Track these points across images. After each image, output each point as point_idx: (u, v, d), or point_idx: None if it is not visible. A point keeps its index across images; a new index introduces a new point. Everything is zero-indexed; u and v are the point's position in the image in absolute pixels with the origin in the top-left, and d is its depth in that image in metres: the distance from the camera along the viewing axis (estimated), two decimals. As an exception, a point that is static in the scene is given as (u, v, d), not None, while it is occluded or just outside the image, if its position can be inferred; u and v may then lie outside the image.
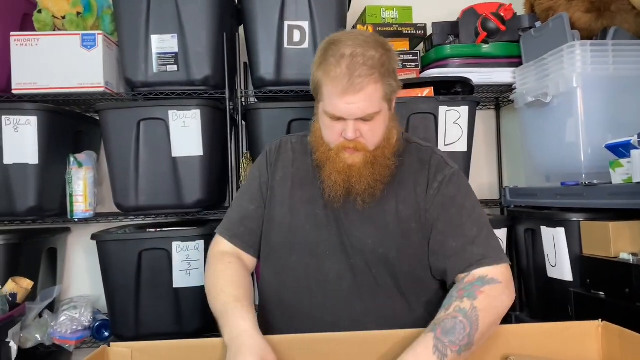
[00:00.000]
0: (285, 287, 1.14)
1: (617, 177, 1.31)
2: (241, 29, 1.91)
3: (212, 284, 1.10)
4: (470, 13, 1.84)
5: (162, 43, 1.72)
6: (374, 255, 1.11)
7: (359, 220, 1.13)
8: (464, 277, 1.04)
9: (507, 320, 1.79)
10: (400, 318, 1.10)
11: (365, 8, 1.94)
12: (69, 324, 1.72)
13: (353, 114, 1.04)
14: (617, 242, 1.31)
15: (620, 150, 1.29)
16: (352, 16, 1.92)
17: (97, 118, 1.77)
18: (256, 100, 1.94)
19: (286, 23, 1.75)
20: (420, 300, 1.13)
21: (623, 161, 1.28)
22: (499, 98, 2.15)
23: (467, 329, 0.92)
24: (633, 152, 1.20)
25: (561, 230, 1.48)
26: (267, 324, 1.15)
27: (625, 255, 1.27)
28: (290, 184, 1.18)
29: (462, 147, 1.75)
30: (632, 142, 1.22)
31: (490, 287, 1.00)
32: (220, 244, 1.20)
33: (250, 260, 1.20)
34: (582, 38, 1.58)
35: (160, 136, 1.70)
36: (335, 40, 1.07)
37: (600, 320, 1.07)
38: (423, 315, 1.10)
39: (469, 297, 0.97)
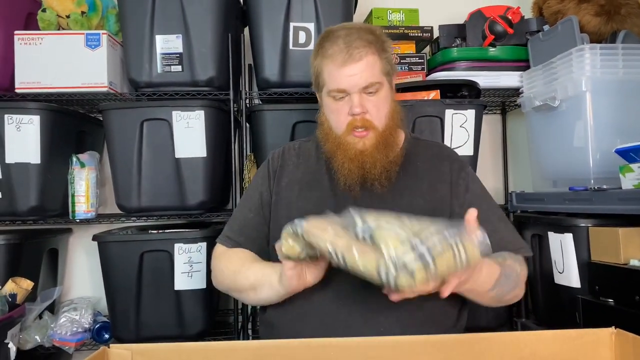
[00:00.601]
0: (302, 295, 1.08)
1: (627, 182, 1.28)
2: (246, 30, 1.89)
3: (231, 273, 1.15)
4: (477, 16, 1.82)
5: (167, 43, 1.71)
6: None
7: (378, 208, 1.10)
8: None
9: (512, 326, 1.79)
10: (413, 312, 1.07)
11: (371, 10, 1.93)
12: (69, 325, 1.70)
13: (356, 84, 1.07)
14: (627, 249, 1.28)
15: (631, 154, 1.27)
16: (358, 18, 1.91)
17: (100, 118, 1.76)
18: (260, 102, 1.92)
19: (291, 24, 1.74)
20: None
21: (633, 166, 1.26)
22: (505, 102, 2.13)
23: (512, 285, 1.07)
24: (644, 156, 1.18)
25: (569, 236, 1.46)
26: (272, 327, 1.13)
27: (635, 262, 1.24)
28: (298, 188, 1.18)
29: (468, 151, 1.73)
30: (644, 147, 1.20)
31: (523, 272, 1.13)
32: (216, 251, 1.23)
33: None
34: (591, 41, 1.56)
35: (163, 137, 1.68)
36: (329, 30, 1.14)
37: (613, 327, 1.05)
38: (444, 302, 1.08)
39: (520, 265, 1.11)
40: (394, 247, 0.82)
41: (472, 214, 0.90)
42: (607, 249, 1.34)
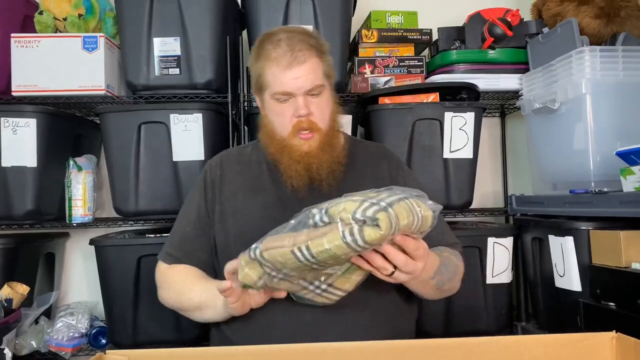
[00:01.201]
0: None
1: (629, 184, 1.27)
2: (245, 33, 1.89)
3: (175, 293, 1.15)
4: (476, 18, 1.82)
5: (165, 46, 1.70)
6: None
7: None
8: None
9: (512, 330, 1.78)
10: (371, 300, 1.09)
11: (370, 13, 1.92)
12: (65, 330, 1.69)
13: (301, 86, 1.08)
14: (628, 252, 1.27)
15: (632, 157, 1.26)
16: (356, 20, 1.90)
17: (98, 121, 1.75)
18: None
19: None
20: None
21: (635, 168, 1.25)
22: (504, 105, 2.13)
23: (451, 274, 1.11)
24: (646, 159, 1.18)
25: (570, 239, 1.45)
26: (230, 343, 1.10)
27: (637, 265, 1.23)
28: (242, 195, 1.17)
29: (467, 153, 1.72)
30: (645, 149, 1.19)
31: (460, 269, 1.17)
32: (159, 268, 1.21)
33: None
34: (591, 44, 1.55)
35: (161, 140, 1.67)
36: (269, 33, 1.15)
37: (614, 331, 1.04)
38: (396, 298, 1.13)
39: (456, 258, 1.15)
40: (351, 209, 0.81)
41: None
42: (608, 252, 1.33)
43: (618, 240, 1.29)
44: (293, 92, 1.09)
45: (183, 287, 1.14)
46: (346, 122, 1.73)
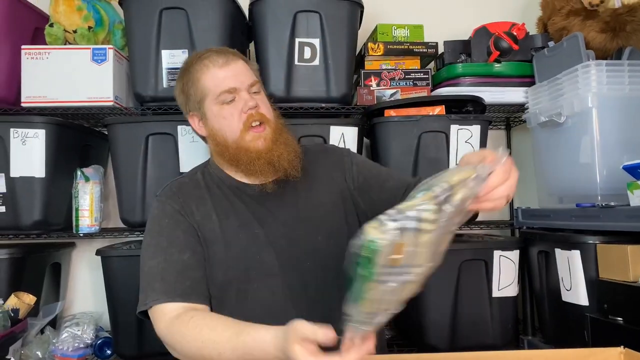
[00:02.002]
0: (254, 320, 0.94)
1: (635, 199, 1.27)
2: (251, 45, 1.90)
3: (197, 346, 0.90)
4: (482, 32, 1.83)
5: (173, 58, 1.71)
6: (322, 247, 1.11)
7: (300, 194, 1.15)
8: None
9: (519, 345, 1.77)
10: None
11: (376, 26, 1.93)
12: (70, 341, 1.69)
13: (243, 80, 1.12)
14: (636, 266, 1.27)
15: (639, 171, 1.26)
16: (363, 34, 1.91)
17: (105, 132, 1.76)
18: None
19: (297, 40, 1.74)
20: None
21: (641, 183, 1.25)
22: (509, 118, 2.13)
23: None
24: (652, 173, 1.18)
25: (576, 253, 1.44)
26: None
27: (644, 280, 1.23)
28: (216, 217, 1.11)
29: (474, 166, 1.72)
30: (652, 163, 1.19)
31: None
32: (167, 312, 0.98)
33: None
34: (597, 58, 1.56)
35: (168, 151, 1.68)
36: (193, 55, 1.20)
37: (622, 347, 1.04)
38: None
39: None
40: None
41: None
42: (615, 267, 1.32)
43: (625, 255, 1.29)
44: (237, 86, 1.10)
45: (215, 331, 0.91)
46: (352, 134, 1.74)
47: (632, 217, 1.26)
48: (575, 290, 1.46)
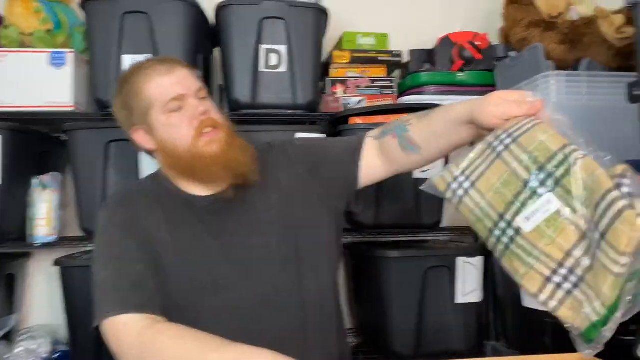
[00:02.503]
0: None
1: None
2: (218, 50, 1.88)
3: (180, 356, 0.84)
4: (446, 41, 1.86)
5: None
6: (278, 252, 1.08)
7: (260, 196, 1.11)
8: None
9: (483, 350, 1.79)
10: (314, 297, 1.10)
11: (342, 34, 1.94)
12: (25, 355, 1.62)
13: (189, 86, 1.07)
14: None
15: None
16: (329, 42, 1.92)
17: (64, 139, 1.71)
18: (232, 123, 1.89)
19: (263, 46, 1.73)
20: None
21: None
22: (473, 126, 2.16)
23: None
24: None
25: (537, 259, 1.47)
26: None
27: (602, 286, 1.25)
28: (167, 229, 1.06)
29: (437, 173, 1.73)
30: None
31: None
32: (130, 324, 0.91)
33: None
34: (557, 69, 1.60)
35: (129, 159, 1.63)
36: (129, 69, 1.15)
37: (580, 353, 1.05)
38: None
39: None
40: None
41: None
42: (574, 273, 1.35)
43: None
44: (184, 92, 1.06)
45: (185, 344, 0.85)
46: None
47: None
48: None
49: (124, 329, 0.91)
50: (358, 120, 1.76)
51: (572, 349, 1.05)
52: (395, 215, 1.77)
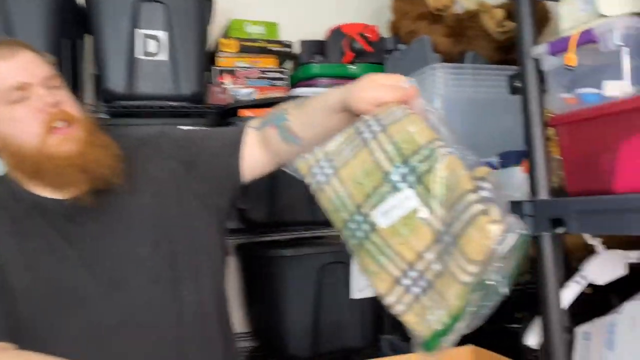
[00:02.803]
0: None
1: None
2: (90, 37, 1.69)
3: None
4: (337, 32, 1.82)
5: (-15, 47, 1.45)
6: (150, 262, 0.96)
7: (126, 201, 0.98)
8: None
9: (378, 344, 1.78)
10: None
11: (230, 21, 1.83)
12: None
13: (35, 72, 0.90)
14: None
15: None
16: (215, 29, 1.81)
17: None
18: (108, 117, 1.71)
19: (139, 31, 1.58)
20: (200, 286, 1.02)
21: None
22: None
23: None
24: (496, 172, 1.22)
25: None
26: None
27: (490, 276, 1.27)
28: (13, 240, 0.93)
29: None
30: (494, 162, 1.24)
31: None
32: None
33: None
34: (443, 61, 1.61)
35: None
36: None
37: (471, 345, 1.05)
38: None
39: None
40: None
41: None
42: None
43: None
44: (28, 80, 0.89)
45: None
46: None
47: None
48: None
49: None
50: (248, 112, 1.67)
51: (463, 339, 1.06)
52: (290, 211, 1.70)
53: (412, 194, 0.74)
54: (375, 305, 1.76)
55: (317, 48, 1.83)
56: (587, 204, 0.85)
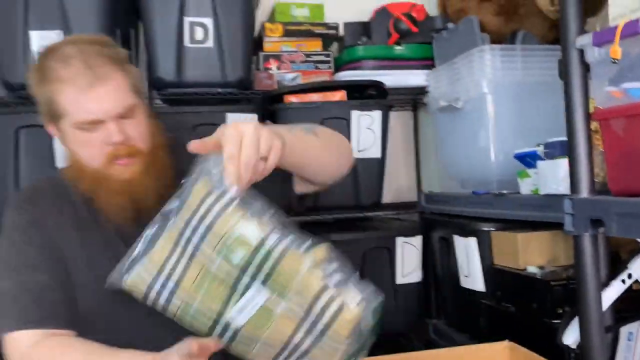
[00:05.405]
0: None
1: (525, 187, 1.27)
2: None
3: None
4: (382, 13, 1.77)
5: (44, 40, 1.50)
6: None
7: None
8: None
9: (424, 327, 1.78)
10: None
11: (274, 5, 1.83)
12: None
13: (109, 110, 0.91)
14: (525, 254, 1.28)
15: (528, 160, 1.26)
16: (260, 13, 1.82)
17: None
18: (161, 103, 1.78)
19: (187, 19, 1.62)
20: None
21: (530, 171, 1.25)
22: (415, 99, 2.10)
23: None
24: (539, 163, 1.17)
25: (473, 240, 1.44)
26: None
27: (532, 269, 1.24)
28: (76, 233, 0.98)
29: (375, 153, 1.69)
30: (538, 152, 1.19)
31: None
32: (21, 341, 0.90)
33: None
34: (493, 41, 1.53)
35: (43, 145, 1.51)
36: (50, 49, 0.97)
37: (507, 340, 1.04)
38: None
39: None
40: None
41: None
42: (507, 254, 1.34)
43: (515, 242, 1.30)
44: (100, 117, 0.91)
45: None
46: (252, 120, 1.65)
47: (523, 205, 1.26)
48: (472, 276, 1.47)
49: (12, 346, 0.90)
50: (293, 98, 1.68)
51: (502, 331, 1.05)
52: (334, 196, 1.72)
53: (261, 291, 0.77)
54: (420, 290, 1.77)
55: (362, 29, 1.80)
56: (629, 206, 0.80)
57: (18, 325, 0.90)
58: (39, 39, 1.52)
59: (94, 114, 0.91)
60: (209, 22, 1.63)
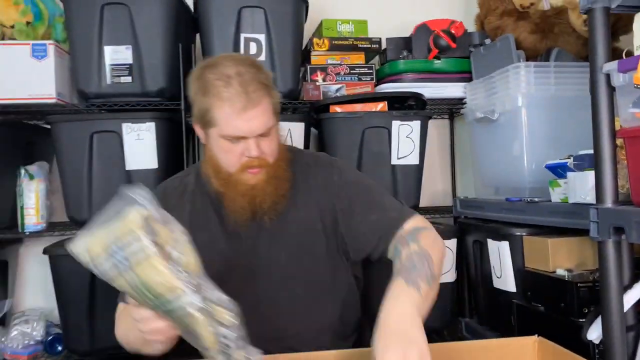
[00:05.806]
0: None
1: (556, 196, 1.37)
2: (199, 38, 1.90)
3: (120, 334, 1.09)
4: (422, 29, 1.89)
5: (116, 54, 1.70)
6: (288, 270, 1.16)
7: (268, 241, 1.16)
8: (397, 236, 1.12)
9: (456, 326, 1.88)
10: (321, 321, 1.18)
11: (321, 21, 1.96)
12: (20, 338, 1.70)
13: (255, 130, 1.05)
14: (555, 258, 1.37)
15: (559, 170, 1.36)
16: (308, 29, 1.94)
17: (49, 127, 1.74)
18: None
19: (242, 35, 1.76)
20: (337, 299, 1.21)
21: (560, 181, 1.35)
22: (452, 109, 2.21)
23: (425, 262, 1.01)
24: (569, 174, 1.27)
25: (505, 244, 1.54)
26: None
27: (561, 271, 1.34)
28: (188, 231, 1.09)
29: (414, 160, 1.80)
30: (568, 164, 1.28)
31: (425, 232, 1.11)
32: (117, 310, 1.13)
33: None
34: (528, 57, 1.64)
35: (114, 149, 1.68)
36: (211, 63, 1.09)
37: (536, 335, 1.14)
38: (342, 312, 1.21)
39: (413, 241, 1.06)
40: None
41: None
42: (538, 258, 1.43)
43: (546, 247, 1.39)
44: (246, 135, 1.06)
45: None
46: (299, 130, 1.79)
47: (553, 212, 1.36)
48: (504, 278, 1.57)
49: (117, 312, 1.13)
50: (337, 108, 1.81)
51: (533, 329, 1.14)
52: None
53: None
54: (454, 290, 1.87)
55: (403, 44, 1.91)
56: (648, 215, 0.90)
57: (118, 300, 1.12)
58: (112, 53, 1.70)
59: (241, 131, 1.05)
60: (262, 37, 1.77)
